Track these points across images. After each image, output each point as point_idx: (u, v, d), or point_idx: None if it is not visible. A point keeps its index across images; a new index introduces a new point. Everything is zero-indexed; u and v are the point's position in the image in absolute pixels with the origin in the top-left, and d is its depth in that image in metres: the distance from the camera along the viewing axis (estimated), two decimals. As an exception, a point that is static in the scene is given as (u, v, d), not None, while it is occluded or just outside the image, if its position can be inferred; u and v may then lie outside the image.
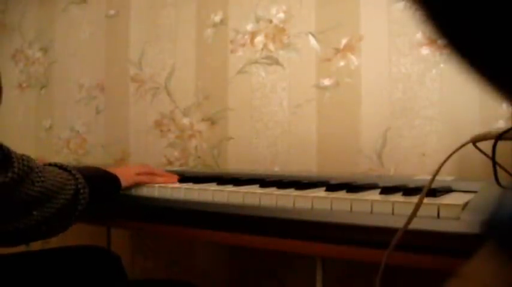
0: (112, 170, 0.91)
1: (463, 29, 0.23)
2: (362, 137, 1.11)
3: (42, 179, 0.71)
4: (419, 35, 1.04)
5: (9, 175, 0.64)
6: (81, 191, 0.77)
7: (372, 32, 1.10)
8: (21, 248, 1.12)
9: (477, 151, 0.65)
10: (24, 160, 0.68)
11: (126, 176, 0.92)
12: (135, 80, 1.53)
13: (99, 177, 0.86)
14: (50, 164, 0.80)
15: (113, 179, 0.88)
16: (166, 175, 0.99)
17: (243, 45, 1.30)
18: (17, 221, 0.69)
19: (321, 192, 0.72)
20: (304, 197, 0.68)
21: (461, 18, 0.23)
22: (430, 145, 1.03)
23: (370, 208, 0.61)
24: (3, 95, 0.76)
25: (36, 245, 1.71)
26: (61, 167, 0.79)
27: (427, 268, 0.57)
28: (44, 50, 1.81)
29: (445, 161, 0.57)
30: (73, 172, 0.79)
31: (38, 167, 0.71)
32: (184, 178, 0.99)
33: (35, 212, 0.70)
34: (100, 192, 0.84)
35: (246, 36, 1.29)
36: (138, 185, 0.94)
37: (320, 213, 0.65)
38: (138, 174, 0.95)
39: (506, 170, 0.63)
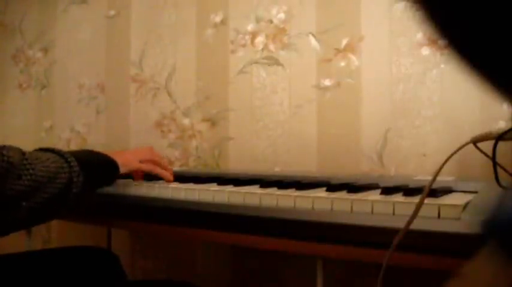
0: (115, 154, 0.89)
1: (463, 29, 0.23)
2: (362, 138, 1.11)
3: (31, 171, 0.69)
4: (420, 36, 1.04)
5: None
6: (75, 179, 0.75)
7: (373, 32, 1.10)
8: (22, 248, 1.12)
9: (477, 151, 0.65)
10: (5, 155, 0.66)
11: (126, 162, 0.91)
12: (135, 80, 1.53)
13: (96, 163, 0.84)
14: (47, 149, 0.78)
15: (111, 165, 0.87)
16: (167, 168, 0.99)
17: (244, 45, 1.30)
18: (6, 214, 0.68)
19: (321, 192, 0.72)
20: (305, 197, 0.68)
21: (461, 18, 0.23)
22: (431, 145, 1.03)
23: (370, 208, 0.61)
24: (4, 96, 0.76)
25: (36, 246, 1.72)
26: (58, 153, 0.77)
27: (428, 268, 0.57)
28: (45, 50, 1.81)
29: (445, 162, 0.57)
30: (69, 159, 0.77)
31: (26, 159, 0.69)
32: (184, 178, 0.99)
33: (24, 203, 0.68)
34: (95, 179, 0.83)
35: (247, 37, 1.29)
36: (138, 170, 0.96)
37: (321, 213, 0.65)
38: (142, 161, 0.94)
39: (506, 171, 0.63)
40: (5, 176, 0.66)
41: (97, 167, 0.84)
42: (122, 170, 0.90)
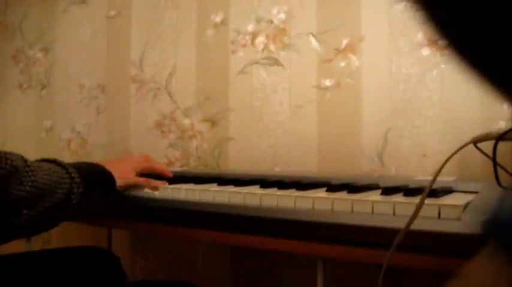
0: (110, 165, 0.89)
1: (463, 29, 0.23)
2: (363, 138, 1.11)
3: (32, 178, 0.69)
4: (420, 36, 1.04)
5: None
6: (75, 190, 0.76)
7: (373, 32, 1.11)
8: (22, 248, 1.12)
9: (478, 151, 0.65)
10: (8, 159, 0.66)
11: (122, 175, 0.90)
12: (135, 81, 1.53)
13: (96, 176, 0.85)
14: (48, 160, 0.79)
15: (109, 179, 0.87)
16: (165, 171, 0.98)
17: (244, 45, 1.30)
18: (7, 221, 0.68)
19: (321, 193, 0.72)
20: (305, 197, 0.68)
21: (461, 18, 0.23)
22: (431, 145, 1.03)
23: (371, 209, 0.61)
24: (4, 96, 0.76)
25: (36, 246, 1.72)
26: (59, 164, 0.78)
27: (428, 269, 0.57)
28: (45, 50, 1.81)
29: (446, 162, 0.57)
30: (70, 170, 0.77)
31: (28, 166, 0.70)
32: (185, 178, 0.99)
33: (25, 211, 0.68)
34: (94, 192, 0.83)
35: (247, 37, 1.29)
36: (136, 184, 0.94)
37: (321, 214, 0.65)
38: (137, 172, 0.94)
39: (506, 171, 0.64)
40: (8, 179, 0.66)
41: (97, 179, 0.84)
42: (119, 182, 0.88)
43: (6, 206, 0.67)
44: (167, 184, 0.93)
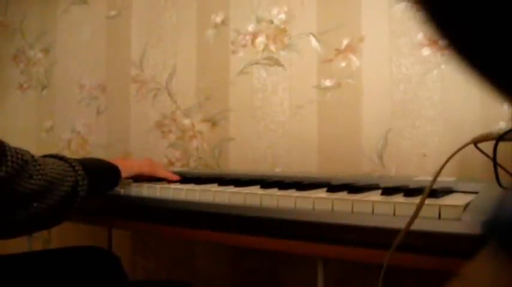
0: (116, 161, 0.92)
1: (463, 30, 0.23)
2: (363, 138, 1.11)
3: (41, 172, 0.70)
4: (420, 36, 1.04)
5: (3, 168, 0.64)
6: (80, 183, 0.77)
7: (373, 32, 1.11)
8: (23, 248, 1.12)
9: (478, 151, 0.65)
10: (19, 153, 0.68)
11: (127, 166, 0.93)
12: (136, 81, 1.53)
13: (100, 168, 0.87)
14: (51, 155, 0.80)
15: (114, 170, 0.90)
16: (168, 172, 1.01)
17: (244, 46, 1.30)
18: (17, 214, 0.69)
19: (322, 193, 0.72)
20: (306, 198, 0.68)
21: (461, 18, 0.23)
22: (431, 145, 1.03)
23: (371, 209, 0.61)
24: (4, 96, 0.76)
25: (37, 246, 1.72)
26: (62, 158, 0.79)
27: (428, 269, 0.57)
28: (45, 50, 1.81)
29: (446, 162, 0.57)
30: (73, 163, 0.79)
31: (36, 161, 0.71)
32: (185, 178, 0.99)
33: (35, 204, 0.70)
34: (100, 183, 0.85)
35: (247, 37, 1.29)
36: (139, 175, 0.97)
37: (321, 214, 0.65)
38: (141, 166, 0.97)
39: (507, 171, 0.64)
40: (19, 173, 0.67)
41: (101, 171, 0.86)
42: (124, 174, 0.92)
43: (17, 199, 0.68)
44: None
